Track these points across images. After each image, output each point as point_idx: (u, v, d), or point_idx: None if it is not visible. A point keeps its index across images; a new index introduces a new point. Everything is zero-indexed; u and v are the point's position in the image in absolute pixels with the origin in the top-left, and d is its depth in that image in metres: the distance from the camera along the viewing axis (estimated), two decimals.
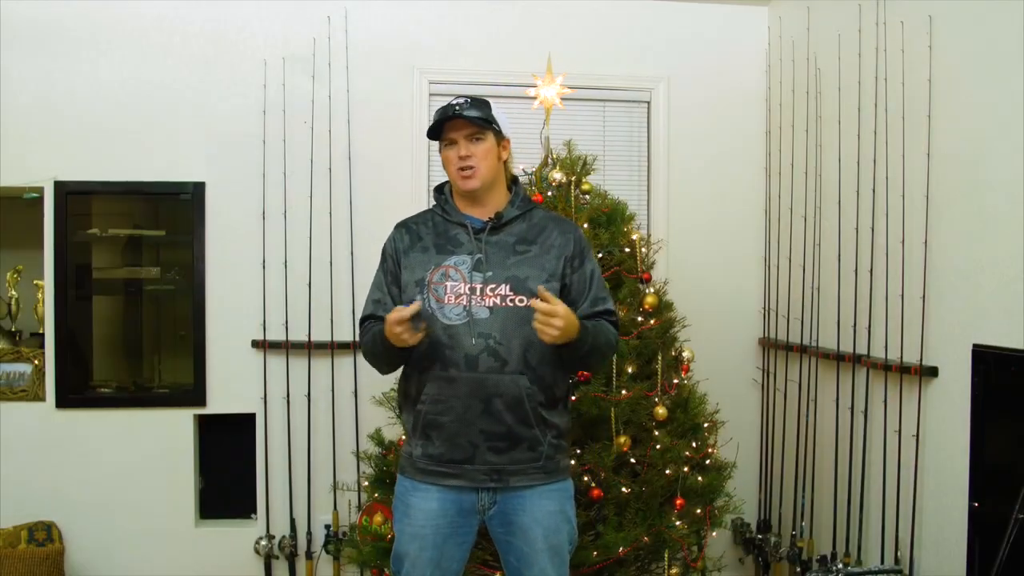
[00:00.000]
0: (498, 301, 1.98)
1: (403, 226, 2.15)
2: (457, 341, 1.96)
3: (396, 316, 1.87)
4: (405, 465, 2.09)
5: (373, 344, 2.03)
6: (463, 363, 1.95)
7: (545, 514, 2.02)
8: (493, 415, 1.96)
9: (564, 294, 2.05)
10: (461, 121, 2.02)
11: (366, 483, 3.05)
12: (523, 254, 2.04)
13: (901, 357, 2.84)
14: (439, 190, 2.18)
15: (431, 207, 2.18)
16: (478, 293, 1.98)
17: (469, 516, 2.03)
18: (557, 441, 2.06)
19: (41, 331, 3.55)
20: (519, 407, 1.97)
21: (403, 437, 2.89)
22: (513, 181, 2.17)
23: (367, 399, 3.42)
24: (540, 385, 2.00)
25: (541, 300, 1.86)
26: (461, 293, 1.98)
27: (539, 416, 2.00)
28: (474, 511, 2.03)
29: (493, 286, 1.99)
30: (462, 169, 2.03)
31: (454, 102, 2.04)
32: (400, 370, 2.13)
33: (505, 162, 2.13)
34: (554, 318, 1.84)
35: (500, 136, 2.09)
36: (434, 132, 2.07)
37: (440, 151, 2.11)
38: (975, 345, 2.41)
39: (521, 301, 1.98)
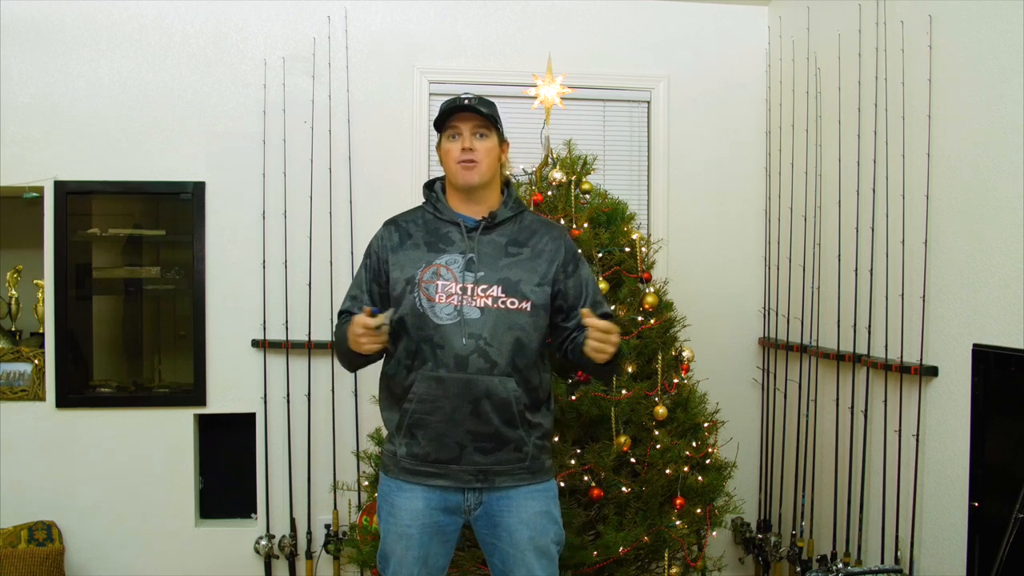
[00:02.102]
0: (489, 302, 1.97)
1: (392, 223, 2.13)
2: (447, 341, 1.95)
3: (361, 320, 1.88)
4: (388, 464, 2.07)
5: (340, 341, 2.04)
6: (453, 363, 1.94)
7: (531, 515, 2.02)
8: (481, 416, 1.96)
9: (556, 300, 2.06)
10: (468, 113, 2.01)
11: (366, 483, 3.05)
12: (515, 256, 2.04)
13: (901, 357, 2.84)
14: (429, 187, 2.16)
15: (421, 204, 2.16)
16: (469, 293, 1.97)
17: (454, 515, 2.03)
18: (541, 442, 2.07)
19: (41, 331, 3.55)
20: (506, 409, 1.97)
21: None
22: (505, 183, 2.17)
23: (367, 399, 3.43)
24: (526, 387, 2.00)
25: (587, 321, 1.89)
26: (452, 293, 1.97)
27: (524, 418, 2.00)
28: (459, 510, 2.03)
29: (484, 287, 1.98)
30: (464, 162, 2.02)
31: (462, 95, 2.04)
32: (382, 367, 2.12)
33: (502, 165, 2.13)
34: (612, 335, 1.87)
35: (502, 138, 2.09)
36: (440, 121, 2.05)
37: (439, 143, 2.09)
38: (975, 345, 2.41)
39: (513, 304, 1.98)
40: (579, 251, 2.16)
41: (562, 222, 2.80)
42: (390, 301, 2.04)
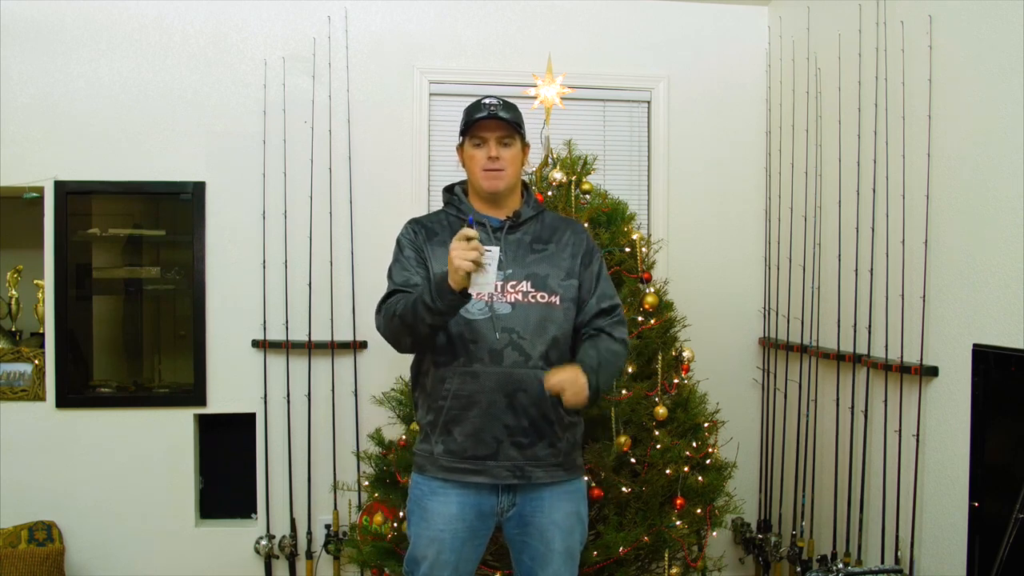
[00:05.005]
0: (519, 297, 1.99)
1: (416, 222, 2.14)
2: (480, 336, 1.96)
3: (462, 233, 1.77)
4: (425, 464, 2.06)
5: (413, 309, 1.88)
6: (487, 357, 1.95)
7: (563, 516, 2.04)
8: (517, 410, 1.97)
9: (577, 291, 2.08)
10: (495, 122, 2.02)
11: (366, 483, 3.05)
12: (540, 252, 2.06)
13: (901, 357, 2.84)
14: (449, 190, 2.18)
15: (442, 208, 2.17)
16: (499, 289, 1.98)
17: (487, 519, 2.04)
18: (575, 438, 2.08)
19: (41, 331, 3.55)
20: (542, 402, 1.98)
21: (403, 437, 2.91)
22: (524, 185, 2.18)
23: (367, 399, 3.42)
24: None
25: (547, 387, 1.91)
26: None
27: (559, 412, 2.01)
28: (492, 514, 2.03)
29: (514, 283, 2.00)
30: (490, 170, 2.03)
31: (487, 101, 2.04)
32: (412, 367, 2.13)
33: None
34: (574, 383, 1.89)
35: (524, 142, 2.11)
36: (465, 126, 2.06)
37: (462, 146, 2.10)
38: (975, 345, 2.41)
39: (543, 297, 2.00)
40: (596, 246, 2.19)
41: None
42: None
